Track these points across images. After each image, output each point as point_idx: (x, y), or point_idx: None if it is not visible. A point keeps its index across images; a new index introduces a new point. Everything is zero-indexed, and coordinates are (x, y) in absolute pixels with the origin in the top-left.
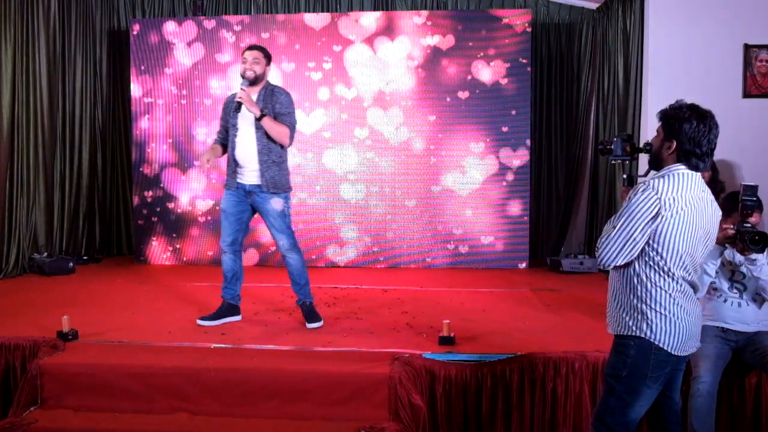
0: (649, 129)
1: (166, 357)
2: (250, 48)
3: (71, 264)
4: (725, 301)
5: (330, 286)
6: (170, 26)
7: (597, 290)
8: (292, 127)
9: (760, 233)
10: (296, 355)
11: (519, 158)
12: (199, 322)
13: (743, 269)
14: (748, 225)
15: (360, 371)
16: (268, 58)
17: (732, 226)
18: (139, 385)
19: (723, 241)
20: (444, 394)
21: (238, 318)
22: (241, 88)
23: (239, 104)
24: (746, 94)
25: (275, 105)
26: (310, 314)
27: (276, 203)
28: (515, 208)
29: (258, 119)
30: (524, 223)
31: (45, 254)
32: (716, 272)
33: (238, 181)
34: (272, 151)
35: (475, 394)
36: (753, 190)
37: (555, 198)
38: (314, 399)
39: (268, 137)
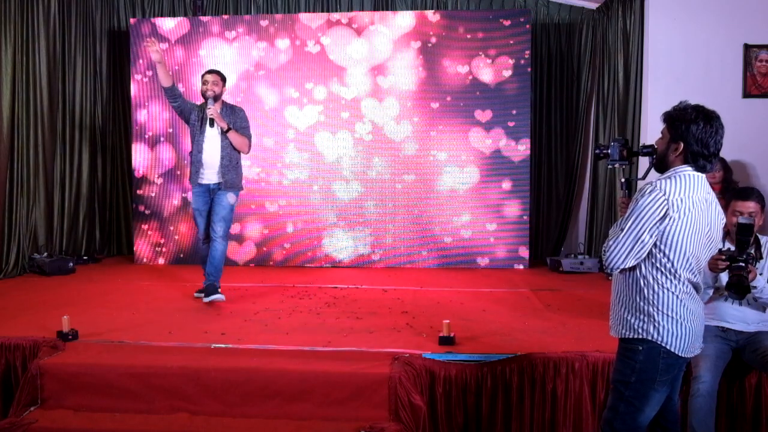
0: (650, 129)
1: (166, 357)
2: (209, 72)
3: (71, 264)
4: (726, 299)
5: (330, 286)
6: (170, 25)
7: (597, 290)
8: (250, 138)
9: (737, 285)
10: (296, 355)
11: (519, 158)
12: (196, 294)
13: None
14: (741, 262)
15: (360, 371)
16: (224, 79)
17: (724, 258)
18: (139, 385)
19: (715, 271)
20: (444, 394)
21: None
22: (209, 107)
23: (212, 120)
24: (746, 94)
25: (237, 120)
26: (213, 290)
27: (230, 197)
28: (515, 208)
29: (225, 132)
30: (524, 223)
31: (45, 254)
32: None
33: (202, 181)
34: (232, 158)
35: (475, 394)
36: (749, 229)
37: (555, 198)
38: (314, 399)
39: (231, 146)
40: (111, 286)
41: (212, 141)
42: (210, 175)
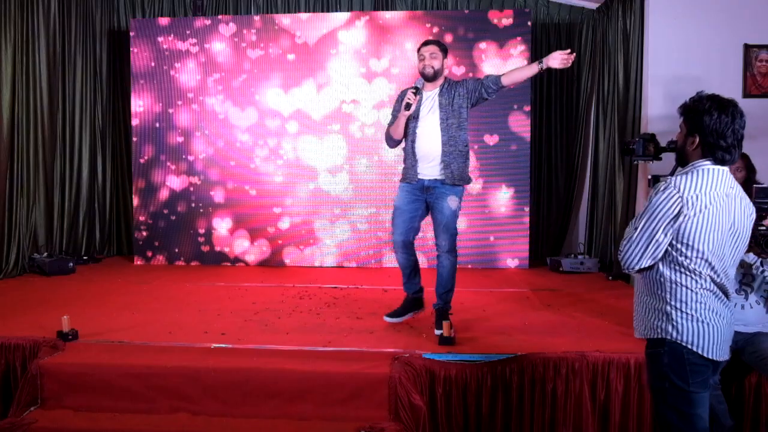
0: (649, 129)
1: (166, 357)
2: (426, 43)
3: (71, 264)
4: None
5: (330, 286)
6: (170, 26)
7: (597, 290)
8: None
9: None
10: (296, 355)
11: (519, 157)
12: (386, 318)
13: (754, 271)
14: (763, 228)
15: (360, 371)
16: (445, 51)
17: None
18: (139, 385)
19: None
20: (444, 394)
21: (422, 310)
22: (412, 88)
23: (408, 104)
24: (746, 94)
25: (460, 90)
26: (439, 319)
27: (452, 201)
28: (515, 207)
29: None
30: (524, 223)
31: (45, 254)
32: None
33: (420, 177)
34: (458, 142)
35: (475, 394)
36: (766, 192)
37: (555, 198)
38: (314, 399)
39: (455, 127)
40: (111, 286)
41: (428, 125)
42: (428, 169)
